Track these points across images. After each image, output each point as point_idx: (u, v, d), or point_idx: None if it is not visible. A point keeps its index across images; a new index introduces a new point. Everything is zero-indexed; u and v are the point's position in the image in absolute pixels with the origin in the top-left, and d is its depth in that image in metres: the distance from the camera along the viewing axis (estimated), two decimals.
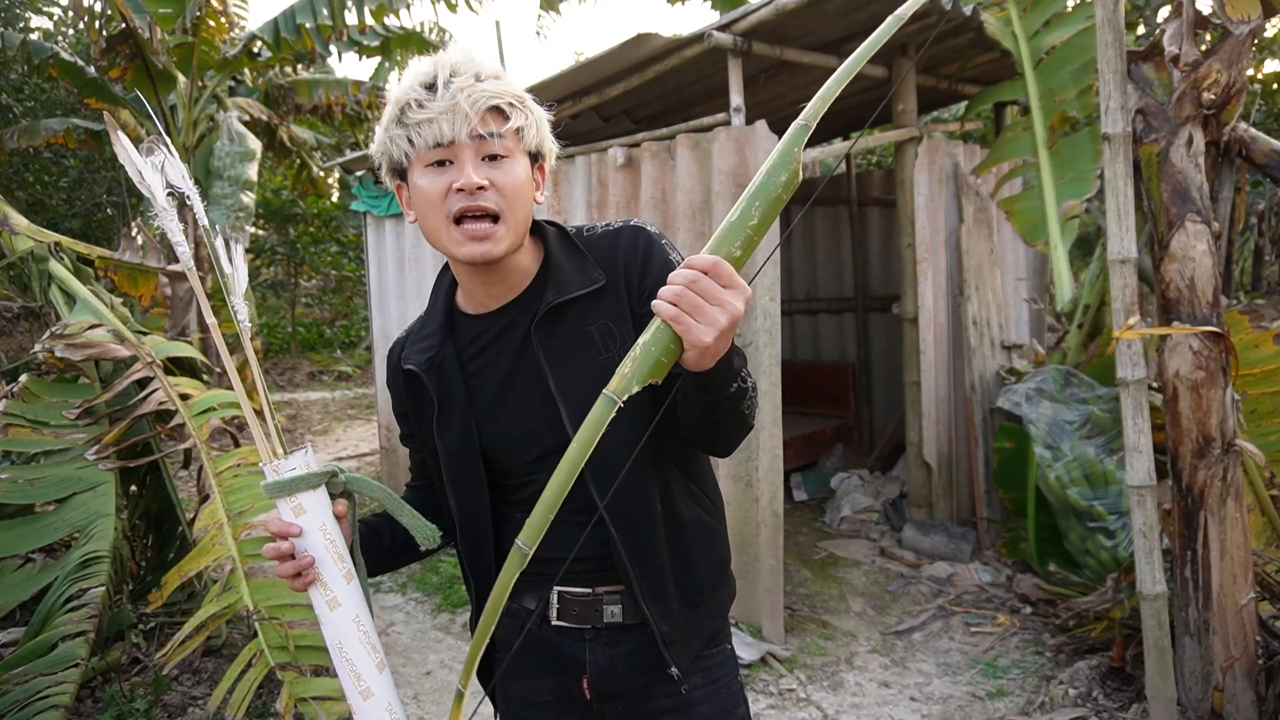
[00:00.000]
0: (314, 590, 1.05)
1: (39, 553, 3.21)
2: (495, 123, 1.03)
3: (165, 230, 1.02)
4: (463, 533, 1.20)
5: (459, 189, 1.02)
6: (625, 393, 0.87)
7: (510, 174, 1.04)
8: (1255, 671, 2.42)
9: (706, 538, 1.21)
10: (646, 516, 1.12)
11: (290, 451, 1.05)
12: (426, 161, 1.04)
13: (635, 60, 3.66)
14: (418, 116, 1.02)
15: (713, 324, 0.84)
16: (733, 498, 3.38)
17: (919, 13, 3.56)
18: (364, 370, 11.34)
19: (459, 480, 1.17)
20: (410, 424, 1.23)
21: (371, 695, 1.03)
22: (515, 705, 1.25)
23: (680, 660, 1.15)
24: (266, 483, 1.04)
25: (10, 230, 3.36)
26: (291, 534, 1.04)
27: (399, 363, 1.21)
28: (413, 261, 5.04)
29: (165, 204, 1.01)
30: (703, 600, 1.19)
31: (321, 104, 8.19)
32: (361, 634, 1.04)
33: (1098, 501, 3.28)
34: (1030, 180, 4.16)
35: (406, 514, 1.13)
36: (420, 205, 1.06)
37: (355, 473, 1.14)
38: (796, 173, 0.87)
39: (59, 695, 2.04)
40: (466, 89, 1.01)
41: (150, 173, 1.00)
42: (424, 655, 3.42)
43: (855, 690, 3.03)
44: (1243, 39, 2.31)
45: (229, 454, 2.80)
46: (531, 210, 1.10)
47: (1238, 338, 2.64)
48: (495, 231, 1.04)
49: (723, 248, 0.86)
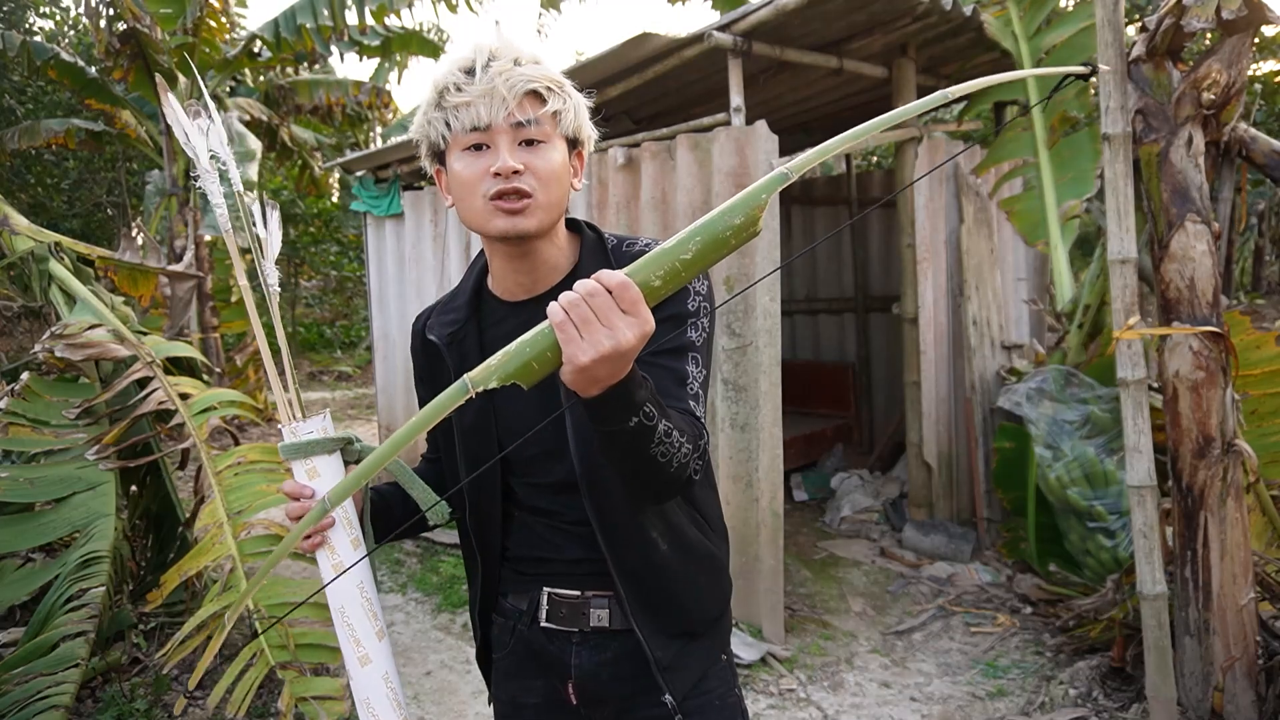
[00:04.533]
0: (321, 553, 1.06)
1: (39, 552, 3.21)
2: (533, 107, 1.03)
3: (207, 191, 1.06)
4: (472, 513, 1.20)
5: (495, 173, 1.02)
6: (483, 384, 0.80)
7: (546, 159, 1.04)
8: (1255, 671, 2.42)
9: (709, 567, 1.19)
10: (640, 538, 1.11)
11: (309, 416, 1.07)
12: (464, 145, 1.04)
13: (635, 60, 3.66)
14: (456, 100, 1.02)
15: (594, 345, 0.78)
16: (733, 498, 3.38)
17: (919, 13, 3.56)
18: (364, 370, 11.34)
19: (474, 456, 1.17)
20: (427, 392, 1.23)
21: (369, 662, 1.05)
22: (508, 706, 1.26)
23: (676, 688, 1.13)
24: (284, 444, 1.07)
25: (10, 230, 3.36)
26: (304, 495, 1.06)
27: (423, 330, 1.21)
28: (413, 261, 5.04)
29: (208, 166, 1.04)
30: (702, 631, 1.18)
31: (322, 104, 8.20)
32: (364, 600, 1.06)
33: (1098, 501, 3.28)
34: (1030, 180, 4.16)
35: (418, 488, 1.14)
36: (457, 189, 1.07)
37: None
38: (755, 220, 0.79)
39: (59, 695, 2.04)
40: (505, 73, 1.01)
41: (196, 135, 1.03)
42: (424, 655, 3.42)
43: (855, 690, 3.03)
44: (1243, 39, 2.31)
45: (228, 453, 2.80)
46: (567, 196, 1.10)
47: (1238, 338, 2.64)
48: (527, 205, 1.03)
49: (642, 273, 0.80)
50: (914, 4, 3.43)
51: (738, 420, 3.36)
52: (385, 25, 7.51)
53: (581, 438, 1.09)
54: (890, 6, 3.45)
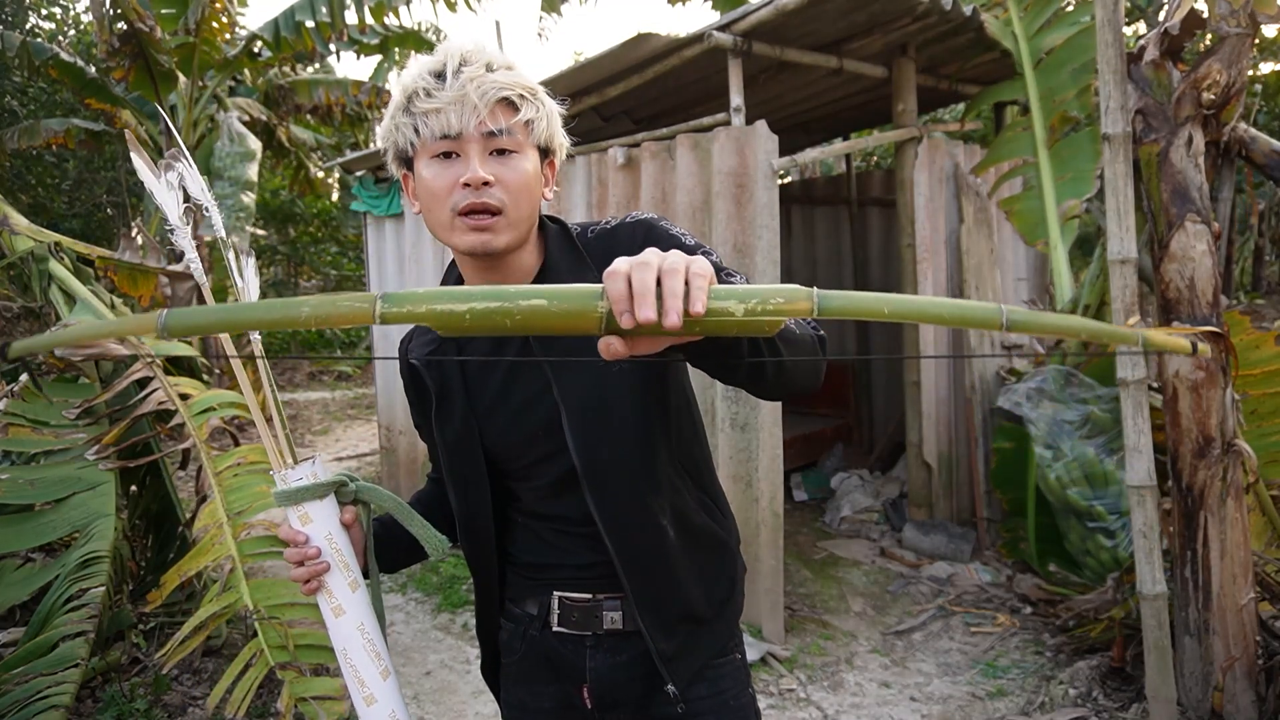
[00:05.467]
0: (320, 597, 1.06)
1: (38, 552, 3.21)
2: (505, 115, 1.00)
3: (180, 247, 1.03)
4: (464, 528, 1.19)
5: (465, 183, 0.99)
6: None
7: (517, 170, 1.02)
8: (1255, 671, 2.42)
9: (716, 550, 1.18)
10: (648, 529, 1.10)
11: (300, 461, 1.06)
12: (433, 153, 1.01)
13: (635, 60, 3.66)
14: (425, 106, 0.99)
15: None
16: (733, 498, 3.38)
17: (919, 13, 3.56)
18: (364, 370, 11.34)
19: (460, 474, 1.15)
20: (419, 414, 1.22)
21: (375, 702, 1.04)
22: (516, 710, 1.24)
23: (678, 677, 1.12)
24: (275, 491, 1.06)
25: (10, 230, 3.36)
26: (298, 542, 1.05)
27: (406, 354, 1.20)
28: (413, 261, 5.04)
29: (179, 222, 1.02)
30: (710, 616, 1.17)
31: (321, 104, 8.20)
32: (366, 641, 1.05)
33: (1098, 501, 3.28)
34: (1030, 180, 4.16)
35: (417, 524, 1.14)
36: (425, 197, 1.04)
37: (358, 475, 1.16)
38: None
39: (59, 695, 2.04)
40: (476, 79, 0.98)
41: (164, 191, 1.01)
42: (424, 655, 3.41)
43: (855, 690, 3.03)
44: (1243, 39, 2.31)
45: (228, 453, 2.79)
46: (538, 207, 1.08)
47: (1238, 338, 2.63)
48: (496, 223, 1.01)
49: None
50: (914, 4, 3.43)
51: (738, 420, 3.36)
52: (384, 24, 7.51)
53: (580, 431, 1.07)
54: (890, 6, 3.45)
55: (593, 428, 1.07)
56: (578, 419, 1.07)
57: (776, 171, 3.29)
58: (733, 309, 0.68)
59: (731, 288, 0.69)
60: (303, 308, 0.67)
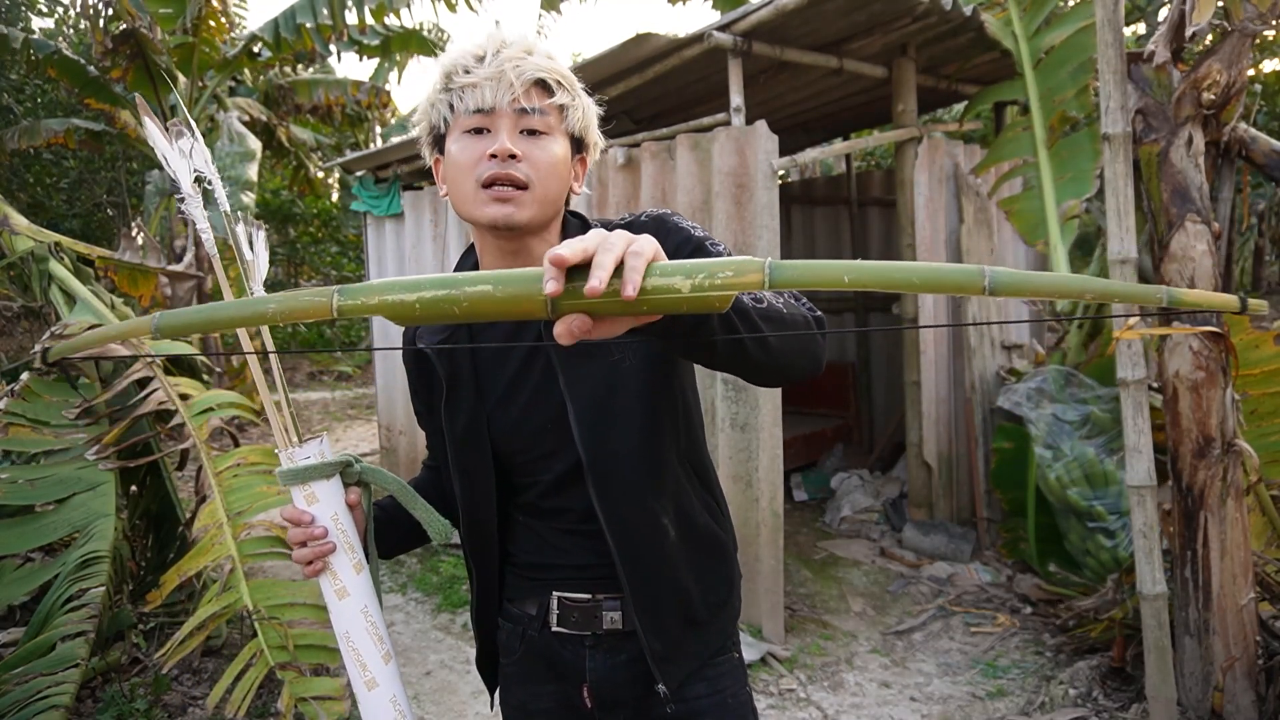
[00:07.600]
0: (323, 579, 1.05)
1: (39, 552, 3.21)
2: (539, 97, 1.02)
3: (190, 216, 1.02)
4: (466, 520, 1.18)
5: (491, 154, 0.99)
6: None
7: (546, 150, 1.02)
8: (1255, 671, 2.42)
9: (716, 553, 1.18)
10: (650, 527, 1.09)
11: (305, 440, 1.05)
12: (465, 127, 1.02)
13: (635, 60, 3.66)
14: (462, 81, 1.01)
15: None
16: (733, 498, 3.38)
17: (919, 13, 3.56)
18: (364, 370, 11.34)
19: (465, 467, 1.15)
20: (421, 402, 1.21)
21: (376, 685, 1.04)
22: (517, 711, 1.24)
23: (670, 677, 1.12)
24: (281, 469, 1.05)
25: (10, 230, 3.36)
26: (303, 521, 1.04)
27: (414, 339, 1.19)
28: (413, 261, 5.04)
29: (191, 190, 1.01)
30: (705, 619, 1.16)
31: (321, 104, 8.21)
32: (369, 624, 1.04)
33: (1098, 501, 3.28)
34: (1030, 180, 4.16)
35: (420, 508, 1.12)
36: (452, 172, 1.04)
37: None
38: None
39: (59, 695, 2.04)
40: (515, 59, 1.00)
41: (177, 158, 1.00)
42: (424, 655, 3.42)
43: (855, 690, 3.03)
44: (1243, 39, 2.31)
45: (228, 454, 2.79)
46: (564, 193, 1.07)
47: (1238, 338, 2.64)
48: (521, 197, 1.01)
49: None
50: (914, 4, 3.43)
51: (738, 420, 3.36)
52: (385, 25, 7.51)
53: (587, 424, 1.06)
54: (890, 6, 3.45)
55: (599, 422, 1.07)
56: (585, 413, 1.07)
57: (776, 171, 3.29)
58: (678, 285, 0.66)
59: (680, 263, 0.67)
60: (269, 304, 0.70)
